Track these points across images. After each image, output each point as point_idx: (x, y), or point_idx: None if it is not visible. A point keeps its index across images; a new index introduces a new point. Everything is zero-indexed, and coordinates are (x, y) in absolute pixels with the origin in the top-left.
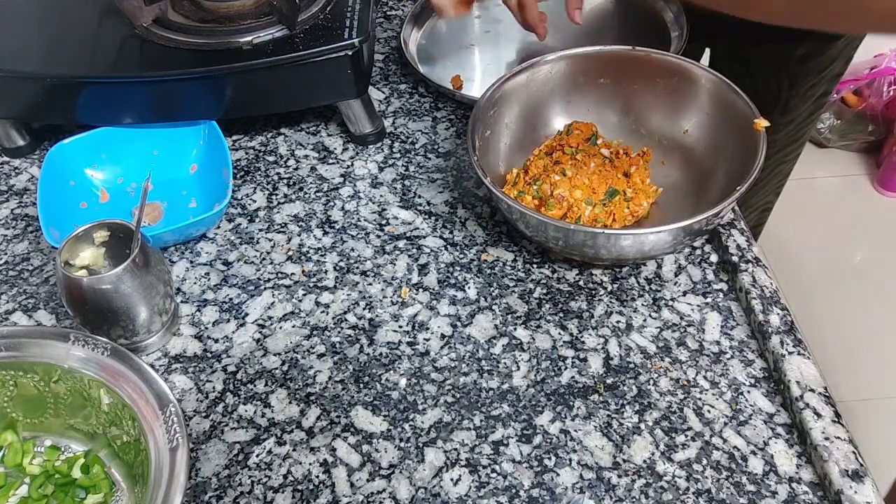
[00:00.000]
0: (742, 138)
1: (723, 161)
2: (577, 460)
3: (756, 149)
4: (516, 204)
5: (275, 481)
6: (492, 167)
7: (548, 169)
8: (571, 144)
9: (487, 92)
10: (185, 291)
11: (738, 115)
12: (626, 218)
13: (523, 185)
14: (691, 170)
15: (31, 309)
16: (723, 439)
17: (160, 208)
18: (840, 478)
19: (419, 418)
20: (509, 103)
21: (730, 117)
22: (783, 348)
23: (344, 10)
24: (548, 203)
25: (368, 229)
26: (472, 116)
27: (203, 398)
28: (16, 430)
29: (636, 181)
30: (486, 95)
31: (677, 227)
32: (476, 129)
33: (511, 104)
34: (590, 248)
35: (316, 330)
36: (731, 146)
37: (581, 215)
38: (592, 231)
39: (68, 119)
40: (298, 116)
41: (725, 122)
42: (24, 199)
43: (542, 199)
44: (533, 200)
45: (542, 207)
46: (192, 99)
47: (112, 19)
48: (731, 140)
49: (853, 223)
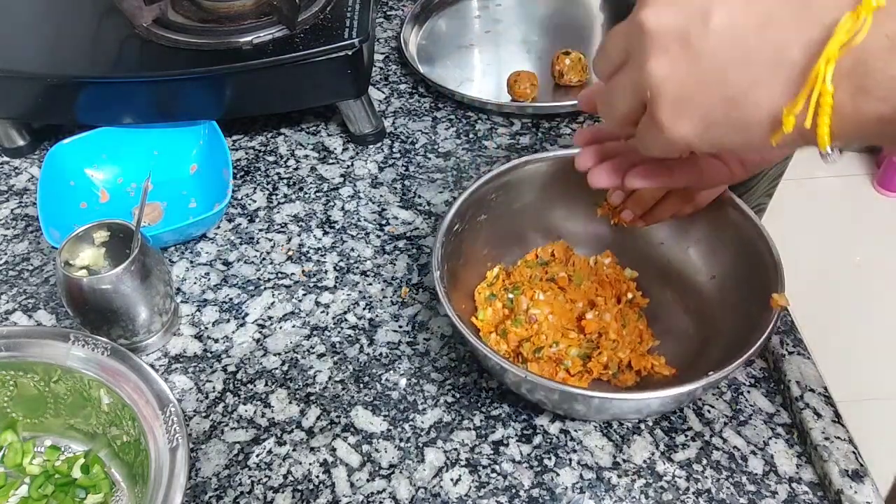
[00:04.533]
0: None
1: (731, 314)
2: (577, 460)
3: (766, 325)
4: (478, 343)
5: (275, 481)
6: (475, 249)
7: (533, 282)
8: (568, 269)
9: (494, 171)
10: (185, 291)
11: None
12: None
13: (500, 288)
14: (699, 316)
15: (31, 309)
16: (723, 439)
17: (160, 208)
18: (840, 478)
19: (419, 418)
20: (524, 187)
21: (754, 266)
22: (783, 348)
23: (344, 10)
24: (515, 318)
25: (368, 229)
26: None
27: (203, 398)
28: (16, 430)
29: (628, 334)
30: (491, 174)
31: (663, 396)
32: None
33: (524, 188)
34: (547, 400)
35: (316, 330)
36: (744, 301)
37: (545, 346)
38: (550, 385)
39: (68, 119)
40: (298, 116)
41: (749, 270)
42: (24, 199)
43: (513, 311)
44: (503, 308)
45: (507, 319)
46: (192, 99)
47: (112, 19)
48: (746, 292)
49: (853, 223)
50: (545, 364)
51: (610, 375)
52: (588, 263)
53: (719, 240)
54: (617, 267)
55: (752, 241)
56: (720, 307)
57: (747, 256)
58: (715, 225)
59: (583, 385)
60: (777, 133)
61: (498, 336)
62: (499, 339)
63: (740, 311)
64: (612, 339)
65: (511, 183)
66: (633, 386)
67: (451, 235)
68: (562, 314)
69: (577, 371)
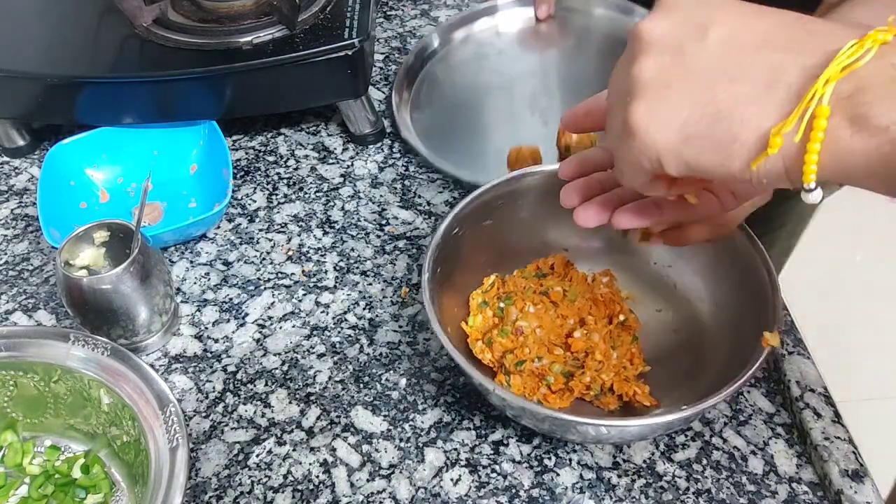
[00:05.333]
0: (753, 316)
1: (727, 340)
2: (577, 460)
3: (756, 355)
4: (464, 364)
5: (275, 481)
6: (475, 254)
7: (526, 293)
8: (567, 284)
9: (496, 181)
10: (185, 291)
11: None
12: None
13: (493, 296)
14: (694, 343)
15: (31, 309)
16: (723, 439)
17: (160, 208)
18: (840, 478)
19: (419, 418)
20: (531, 196)
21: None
22: (783, 348)
23: (344, 10)
24: (503, 328)
25: (368, 229)
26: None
27: (203, 398)
28: (16, 430)
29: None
30: (494, 184)
31: (652, 423)
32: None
33: (531, 198)
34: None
35: (316, 330)
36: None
37: (528, 360)
38: (531, 409)
39: (68, 119)
40: (298, 116)
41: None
42: (24, 199)
43: (502, 321)
44: (493, 317)
45: (495, 328)
46: (192, 99)
47: (112, 19)
48: (744, 315)
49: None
50: (527, 378)
51: (592, 396)
52: (585, 279)
53: (723, 267)
54: (614, 286)
55: (756, 270)
56: (716, 336)
57: (749, 287)
58: (722, 253)
59: (564, 403)
60: (760, 157)
61: (483, 344)
62: (484, 348)
63: (734, 343)
64: (597, 359)
65: (519, 191)
66: (615, 410)
67: (449, 240)
68: (550, 329)
69: (559, 388)
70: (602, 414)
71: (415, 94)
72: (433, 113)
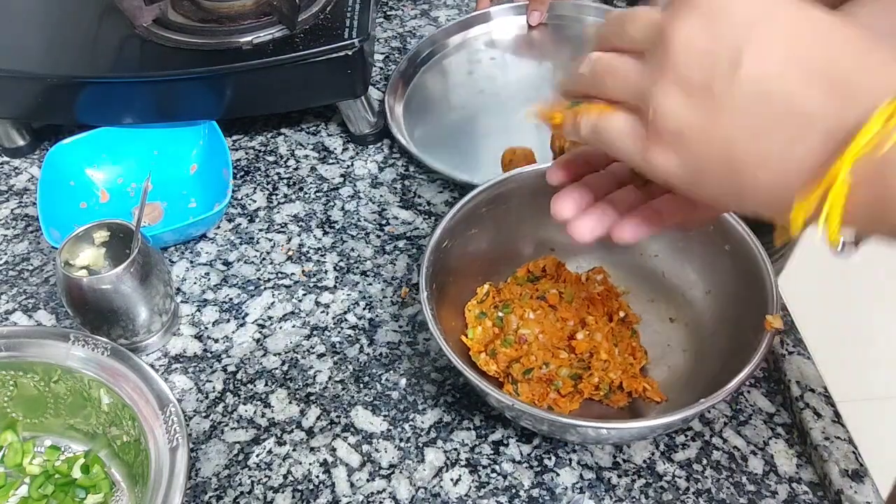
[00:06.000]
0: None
1: (724, 335)
2: (577, 460)
3: (757, 345)
4: (468, 373)
5: (275, 481)
6: (465, 264)
7: (523, 300)
8: (561, 285)
9: (489, 183)
10: (185, 291)
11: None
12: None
13: (490, 306)
14: (693, 331)
15: (31, 309)
16: (723, 439)
17: (160, 208)
18: (840, 478)
19: (419, 418)
20: (514, 200)
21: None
22: (783, 348)
23: (344, 10)
24: (505, 338)
25: (368, 229)
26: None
27: (203, 398)
28: (16, 430)
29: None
30: (486, 185)
31: (651, 425)
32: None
33: (514, 201)
34: (537, 426)
35: (316, 330)
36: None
37: (535, 367)
38: (540, 415)
39: (68, 119)
40: (298, 116)
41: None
42: (24, 199)
43: (503, 330)
44: (493, 327)
45: (497, 339)
46: (192, 99)
47: (112, 19)
48: (741, 308)
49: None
50: (535, 385)
51: (602, 396)
52: (579, 279)
53: (716, 254)
54: (608, 283)
55: (750, 257)
56: (714, 323)
57: (744, 274)
58: (712, 239)
59: (573, 406)
60: (781, 227)
61: (487, 356)
62: (488, 360)
63: (734, 329)
64: (602, 358)
65: (502, 196)
66: (624, 407)
67: (439, 253)
68: (552, 333)
69: (568, 392)
70: (610, 412)
71: (408, 100)
72: (427, 118)
